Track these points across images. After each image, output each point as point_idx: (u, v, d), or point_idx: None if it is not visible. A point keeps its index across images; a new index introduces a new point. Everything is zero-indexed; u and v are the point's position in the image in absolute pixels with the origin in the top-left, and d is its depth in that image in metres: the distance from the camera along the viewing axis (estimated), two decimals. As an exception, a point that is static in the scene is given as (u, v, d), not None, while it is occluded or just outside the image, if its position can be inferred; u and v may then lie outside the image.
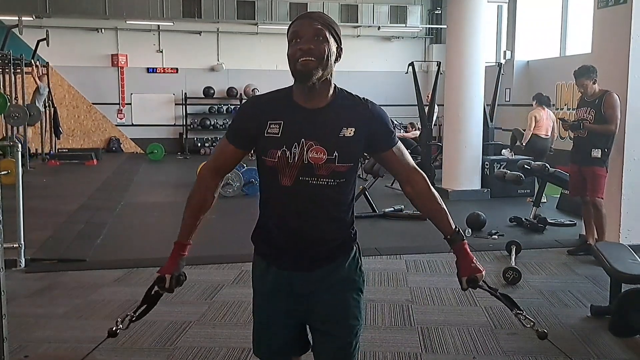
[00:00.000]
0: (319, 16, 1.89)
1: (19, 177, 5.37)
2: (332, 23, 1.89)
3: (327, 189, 1.89)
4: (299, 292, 1.97)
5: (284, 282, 1.98)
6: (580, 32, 11.66)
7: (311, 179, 1.87)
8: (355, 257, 2.02)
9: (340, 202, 1.95)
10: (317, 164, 1.86)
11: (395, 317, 4.18)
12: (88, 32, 15.66)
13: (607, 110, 5.47)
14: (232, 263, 5.27)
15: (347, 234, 2.00)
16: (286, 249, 1.96)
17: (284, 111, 1.89)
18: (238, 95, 16.23)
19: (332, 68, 1.87)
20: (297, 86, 1.89)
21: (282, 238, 1.96)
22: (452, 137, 9.12)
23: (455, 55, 8.99)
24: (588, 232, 5.87)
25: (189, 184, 9.32)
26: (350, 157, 1.89)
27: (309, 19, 1.86)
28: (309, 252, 1.95)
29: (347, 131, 1.88)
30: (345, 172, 1.89)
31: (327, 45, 1.84)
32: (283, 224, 1.95)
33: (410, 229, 6.93)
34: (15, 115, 11.48)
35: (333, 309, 1.97)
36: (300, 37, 1.83)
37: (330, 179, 1.88)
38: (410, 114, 13.16)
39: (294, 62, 1.83)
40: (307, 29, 1.84)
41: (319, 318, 1.99)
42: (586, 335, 3.90)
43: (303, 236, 1.93)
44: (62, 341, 3.77)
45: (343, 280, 1.99)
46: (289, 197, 1.91)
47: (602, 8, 5.91)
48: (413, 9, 16.55)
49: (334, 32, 1.88)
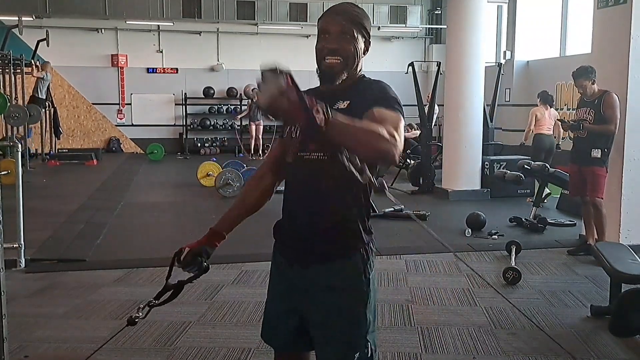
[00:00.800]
0: (346, 11, 1.84)
1: (19, 177, 5.37)
2: (360, 18, 1.86)
3: (321, 164, 1.81)
4: (296, 286, 1.92)
5: (285, 274, 1.96)
6: (580, 32, 11.66)
7: (305, 154, 1.84)
8: (359, 263, 1.88)
9: (337, 182, 1.80)
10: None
11: (395, 317, 4.18)
12: (88, 32, 15.66)
13: (607, 110, 5.48)
14: (232, 263, 5.26)
15: (347, 227, 1.87)
16: (288, 233, 1.94)
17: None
18: (238, 95, 16.24)
19: (358, 63, 1.86)
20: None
21: (285, 221, 1.95)
22: (452, 137, 9.12)
23: (455, 55, 8.99)
24: (588, 232, 5.87)
25: (189, 184, 9.28)
26: None
27: (335, 15, 1.83)
28: (306, 235, 1.88)
29: (341, 104, 1.82)
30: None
31: (354, 42, 1.82)
32: (286, 204, 1.94)
33: (411, 229, 6.92)
34: (15, 115, 11.48)
35: (328, 317, 1.87)
36: (327, 32, 1.82)
37: (320, 151, 1.81)
38: (410, 114, 13.14)
39: (321, 59, 1.83)
40: (334, 26, 1.82)
41: (314, 323, 1.91)
42: (586, 335, 3.90)
43: (300, 215, 1.90)
44: (62, 341, 3.77)
45: (342, 288, 1.87)
46: (291, 175, 1.92)
47: (602, 8, 5.91)
48: (413, 9, 16.56)
49: (361, 27, 1.85)
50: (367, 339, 1.89)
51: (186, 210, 8.32)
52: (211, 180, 9.50)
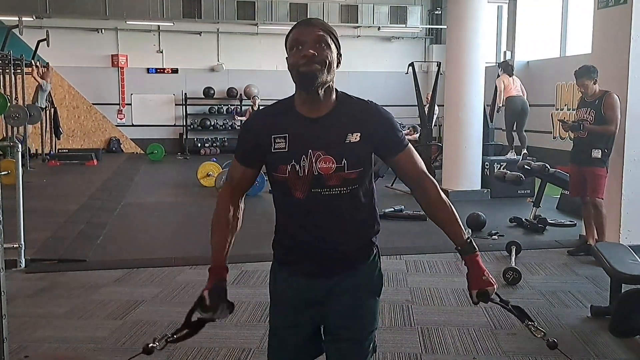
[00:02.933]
0: (319, 22, 1.84)
1: (19, 177, 5.37)
2: (332, 29, 1.85)
3: (341, 198, 1.84)
4: (315, 299, 1.94)
5: (301, 289, 1.95)
6: (580, 32, 11.66)
7: (323, 190, 1.83)
8: (374, 260, 1.99)
9: (357, 209, 1.90)
10: (327, 174, 1.81)
11: (395, 317, 4.17)
12: (88, 32, 15.66)
13: (607, 111, 5.47)
14: (232, 263, 5.20)
15: (367, 241, 1.96)
16: (304, 259, 1.93)
17: (287, 123, 1.85)
18: (238, 95, 16.25)
19: (334, 74, 1.84)
20: (299, 95, 1.85)
21: (300, 250, 1.93)
22: (452, 137, 9.12)
23: (455, 55, 8.99)
24: (588, 233, 5.87)
25: (189, 184, 9.27)
26: (359, 163, 1.84)
27: (310, 26, 1.81)
28: (327, 263, 1.92)
29: (352, 137, 1.83)
30: (356, 178, 1.84)
31: (329, 51, 1.80)
32: (300, 236, 1.91)
33: (410, 229, 6.92)
34: (16, 115, 11.49)
35: (349, 314, 1.93)
36: (301, 44, 1.78)
37: (342, 187, 1.83)
38: (411, 115, 13.15)
39: (297, 69, 1.78)
40: (308, 35, 1.79)
41: (335, 322, 1.95)
42: (586, 335, 3.90)
43: (321, 248, 1.90)
44: (62, 341, 3.77)
45: (361, 285, 1.95)
46: (303, 211, 1.87)
47: (602, 8, 5.91)
48: (413, 9, 16.56)
49: (334, 38, 1.85)
50: (374, 333, 2.00)
51: (186, 211, 8.32)
52: (211, 180, 9.51)
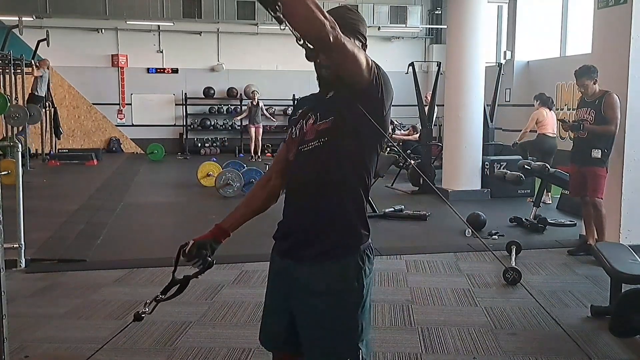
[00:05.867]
0: (341, 17, 1.77)
1: (19, 177, 5.37)
2: (355, 24, 1.89)
3: (315, 152, 1.86)
4: (288, 285, 1.92)
5: (279, 272, 1.97)
6: (580, 32, 11.66)
7: (303, 146, 1.90)
8: (351, 268, 1.86)
9: (330, 167, 1.84)
10: (308, 130, 1.90)
11: (395, 317, 4.17)
12: (88, 32, 15.66)
13: (607, 111, 5.48)
14: (232, 263, 5.26)
15: (344, 224, 1.87)
16: (285, 229, 1.96)
17: (309, 100, 2.03)
18: (238, 95, 16.23)
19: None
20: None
21: (282, 224, 1.98)
22: (452, 137, 9.12)
23: (455, 55, 8.99)
24: (588, 233, 5.87)
25: (189, 184, 9.30)
26: (329, 112, 1.85)
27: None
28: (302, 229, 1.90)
29: (330, 94, 1.91)
30: (327, 128, 1.84)
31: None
32: (285, 202, 1.98)
33: (410, 229, 6.93)
34: (15, 115, 11.49)
35: (314, 322, 1.86)
36: None
37: (315, 140, 1.87)
38: (411, 114, 13.14)
39: (319, 69, 1.82)
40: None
41: (301, 326, 1.90)
42: (586, 335, 3.89)
43: (297, 211, 1.93)
44: (62, 341, 3.77)
45: (331, 293, 1.84)
46: (292, 171, 1.96)
47: (602, 8, 5.91)
48: (413, 9, 16.55)
49: (357, 33, 1.88)
50: (359, 347, 1.86)
51: (186, 211, 8.32)
52: (211, 180, 9.50)
